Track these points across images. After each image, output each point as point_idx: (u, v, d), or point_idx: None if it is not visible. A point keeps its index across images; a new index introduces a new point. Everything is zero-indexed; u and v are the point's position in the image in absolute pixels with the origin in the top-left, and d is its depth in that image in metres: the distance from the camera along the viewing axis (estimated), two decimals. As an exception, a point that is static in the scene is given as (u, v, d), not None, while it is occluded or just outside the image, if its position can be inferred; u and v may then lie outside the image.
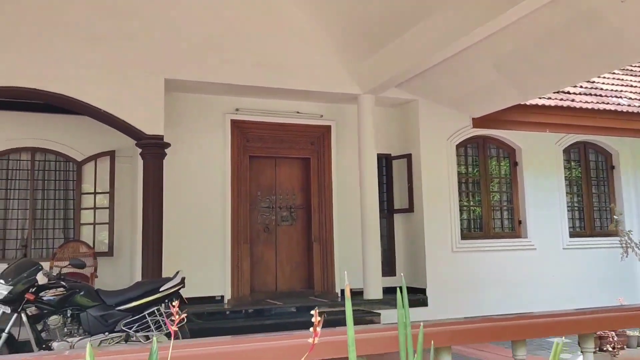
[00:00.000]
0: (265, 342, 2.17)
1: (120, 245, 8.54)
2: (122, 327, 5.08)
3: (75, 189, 8.54)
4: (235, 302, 7.88)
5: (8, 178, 8.32)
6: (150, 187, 6.95)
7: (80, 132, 8.47)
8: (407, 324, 1.52)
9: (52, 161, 8.56)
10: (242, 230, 8.09)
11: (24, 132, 8.29)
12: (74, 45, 6.72)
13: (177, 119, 7.83)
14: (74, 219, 8.54)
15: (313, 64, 7.95)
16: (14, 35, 6.51)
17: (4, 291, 4.68)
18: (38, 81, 6.56)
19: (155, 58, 7.13)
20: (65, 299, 4.92)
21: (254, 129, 8.37)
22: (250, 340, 2.14)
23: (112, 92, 6.85)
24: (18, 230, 8.33)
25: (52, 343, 4.85)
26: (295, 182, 8.79)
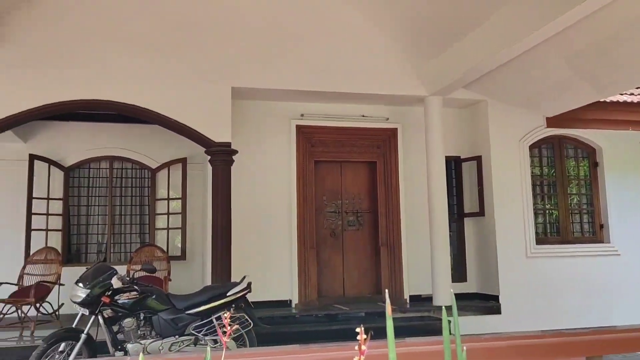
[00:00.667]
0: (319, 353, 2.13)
1: (192, 249, 8.82)
2: (192, 330, 5.21)
3: (150, 195, 8.92)
4: (302, 307, 7.92)
5: (89, 186, 8.81)
6: (218, 193, 7.12)
7: (154, 141, 8.84)
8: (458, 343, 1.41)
9: (128, 169, 8.98)
10: (309, 235, 8.12)
11: (103, 142, 8.75)
12: (146, 58, 7.00)
13: (243, 125, 7.98)
14: (149, 224, 8.91)
15: (378, 67, 7.87)
16: (90, 51, 6.86)
17: (83, 294, 4.92)
18: (112, 93, 6.88)
19: (223, 67, 7.30)
20: (138, 303, 5.10)
21: (319, 134, 8.39)
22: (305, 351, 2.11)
23: (182, 101, 7.07)
24: (98, 235, 8.79)
25: (126, 344, 5.05)
26: (362, 186, 8.73)
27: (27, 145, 8.40)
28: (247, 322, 5.27)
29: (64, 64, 6.76)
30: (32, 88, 6.62)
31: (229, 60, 7.35)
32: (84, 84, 6.76)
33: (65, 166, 8.58)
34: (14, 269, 7.70)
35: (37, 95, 6.61)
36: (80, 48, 6.84)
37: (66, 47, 6.81)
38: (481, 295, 8.45)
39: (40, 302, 7.07)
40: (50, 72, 6.69)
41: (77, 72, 6.77)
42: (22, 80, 6.62)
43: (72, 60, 6.79)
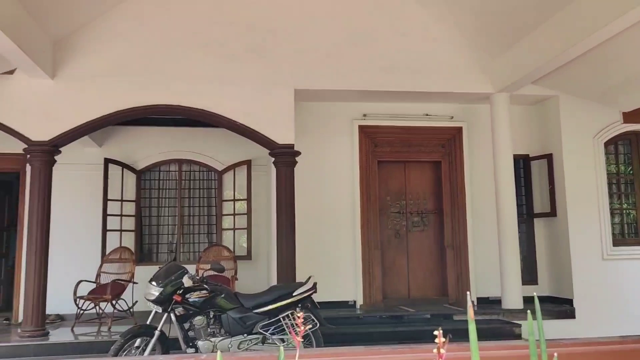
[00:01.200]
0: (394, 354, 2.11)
1: (257, 249, 8.98)
2: (259, 329, 5.29)
3: (217, 197, 9.15)
4: (367, 308, 7.89)
5: (159, 188, 9.15)
6: (282, 194, 7.20)
7: (220, 144, 9.07)
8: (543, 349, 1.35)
9: (196, 171, 9.26)
10: (373, 235, 8.08)
11: (172, 145, 9.07)
12: (211, 63, 7.19)
13: (306, 127, 8.04)
14: (216, 224, 9.15)
15: (442, 65, 7.73)
16: (159, 58, 7.12)
17: (156, 292, 5.11)
18: (181, 98, 7.10)
19: (285, 70, 7.39)
20: (208, 301, 5.24)
21: (382, 134, 8.33)
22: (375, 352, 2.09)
23: (247, 105, 7.21)
24: (168, 235, 9.11)
25: (197, 342, 5.20)
26: (426, 186, 8.60)
27: (101, 149, 8.82)
28: (313, 322, 5.30)
29: (138, 72, 7.05)
30: (108, 95, 6.94)
31: (292, 63, 7.42)
32: (156, 90, 7.02)
33: (137, 169, 8.95)
34: (92, 267, 8.11)
35: (112, 101, 6.93)
36: (153, 56, 7.12)
37: (140, 56, 7.10)
38: (553, 298, 8.13)
39: (116, 300, 7.40)
40: (125, 80, 6.99)
41: (149, 78, 7.04)
42: (100, 88, 6.95)
43: (145, 67, 7.07)
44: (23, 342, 6.41)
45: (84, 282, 7.51)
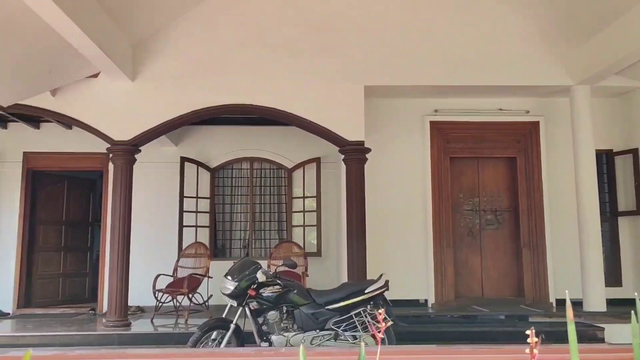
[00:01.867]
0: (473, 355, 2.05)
1: (327, 246, 9.03)
2: (332, 325, 5.31)
3: (287, 194, 9.27)
4: (439, 307, 7.75)
5: (232, 185, 9.39)
6: (352, 191, 7.19)
7: (290, 142, 9.19)
8: None
9: (267, 169, 9.43)
10: (445, 233, 7.93)
11: (244, 144, 9.28)
12: (282, 62, 7.28)
13: (376, 124, 8.00)
14: (286, 221, 9.28)
15: (517, 57, 7.45)
16: (232, 58, 7.29)
17: (231, 287, 5.24)
18: (252, 97, 7.25)
19: (355, 67, 7.37)
20: (281, 296, 5.31)
21: (454, 130, 8.15)
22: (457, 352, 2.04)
23: (315, 102, 7.26)
24: (241, 232, 9.33)
25: (271, 336, 5.28)
26: (500, 183, 8.33)
27: (178, 148, 9.16)
28: (386, 321, 5.26)
29: (211, 73, 7.25)
30: (184, 96, 7.18)
31: (361, 60, 7.40)
32: (229, 89, 7.20)
33: (211, 167, 9.22)
34: (169, 261, 8.44)
35: (188, 102, 7.17)
36: (226, 57, 7.30)
37: (213, 57, 7.30)
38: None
39: (192, 293, 7.66)
40: (200, 81, 7.21)
41: (223, 79, 7.23)
42: (176, 89, 7.21)
43: (218, 68, 7.26)
44: (107, 331, 6.77)
45: (162, 275, 7.82)
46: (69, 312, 8.68)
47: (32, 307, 8.82)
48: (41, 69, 6.21)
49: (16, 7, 4.92)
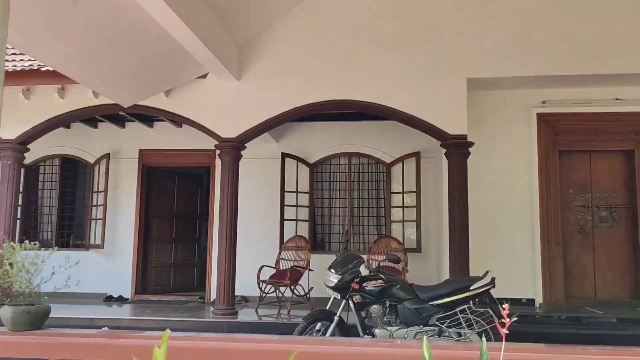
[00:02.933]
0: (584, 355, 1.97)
1: (427, 242, 8.92)
2: (435, 321, 5.26)
3: (385, 189, 9.26)
4: (547, 307, 7.41)
5: (330, 180, 9.53)
6: (455, 186, 7.05)
7: (389, 136, 9.16)
8: None
9: (365, 164, 9.47)
10: (553, 231, 7.56)
11: (342, 139, 9.38)
12: (382, 56, 7.27)
13: (479, 117, 7.77)
14: (384, 216, 9.28)
15: (634, 43, 6.92)
16: (332, 55, 7.39)
17: (334, 279, 5.34)
18: (353, 93, 7.31)
19: (457, 59, 7.21)
20: (384, 291, 5.33)
21: (564, 121, 7.73)
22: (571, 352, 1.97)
23: (416, 96, 7.18)
24: (339, 226, 9.45)
25: (374, 329, 5.33)
26: (616, 178, 7.80)
27: (278, 145, 9.43)
28: (492, 318, 5.13)
29: (312, 70, 7.40)
30: (287, 93, 7.39)
31: (463, 52, 7.22)
32: (329, 86, 7.31)
33: (310, 162, 9.41)
34: (271, 253, 8.73)
35: (290, 99, 7.37)
36: (326, 53, 7.41)
37: (314, 54, 7.44)
38: None
39: (294, 285, 7.88)
40: (301, 78, 7.39)
41: (323, 75, 7.35)
42: (279, 87, 7.44)
43: (319, 65, 7.39)
44: (216, 319, 7.14)
45: (265, 267, 8.12)
46: (179, 300, 9.25)
47: (147, 294, 9.49)
48: (157, 71, 6.65)
49: (137, 14, 5.30)
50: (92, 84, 6.11)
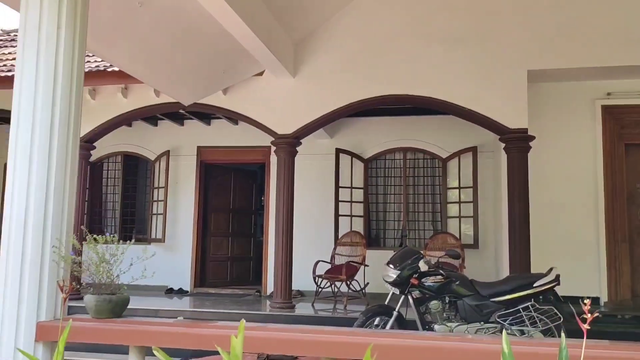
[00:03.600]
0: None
1: (484, 238, 8.77)
2: (497, 318, 5.18)
3: (441, 184, 9.16)
4: (612, 306, 7.17)
5: (385, 175, 9.50)
6: (515, 181, 6.89)
7: (445, 131, 9.05)
8: None
9: (420, 159, 9.39)
10: (619, 227, 7.29)
11: (397, 134, 9.33)
12: (437, 50, 7.18)
13: (540, 110, 7.57)
14: (440, 212, 9.17)
15: None
16: (387, 50, 7.35)
17: (393, 274, 5.33)
18: (409, 87, 7.26)
19: (516, 51, 7.03)
20: (444, 286, 5.29)
21: (630, 114, 7.44)
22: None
23: (474, 89, 7.06)
24: (394, 222, 9.42)
25: (433, 325, 5.29)
26: (688, 172, 7.44)
27: (332, 140, 9.48)
28: (556, 316, 5.01)
29: (367, 65, 7.39)
30: (341, 89, 7.41)
31: (523, 44, 7.03)
32: (384, 81, 7.28)
33: (365, 158, 9.41)
34: (325, 249, 8.80)
35: (345, 95, 7.39)
36: (381, 48, 7.39)
37: (368, 50, 7.43)
38: None
39: (350, 280, 7.92)
40: (356, 74, 7.39)
41: (378, 70, 7.33)
42: (334, 83, 7.47)
43: (374, 60, 7.38)
44: (274, 312, 7.26)
45: (320, 262, 8.19)
46: (237, 293, 9.45)
47: (205, 287, 9.76)
48: (216, 70, 6.81)
49: (198, 14, 5.45)
50: (156, 83, 6.32)
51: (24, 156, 2.84)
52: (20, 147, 2.86)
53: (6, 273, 2.71)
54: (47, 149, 2.88)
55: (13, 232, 2.75)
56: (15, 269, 2.70)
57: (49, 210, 2.81)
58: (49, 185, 2.84)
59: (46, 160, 2.86)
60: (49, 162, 2.87)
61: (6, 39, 9.48)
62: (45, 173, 2.84)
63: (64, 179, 2.93)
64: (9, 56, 8.51)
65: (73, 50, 3.03)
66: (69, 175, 2.97)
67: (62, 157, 2.94)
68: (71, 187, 2.98)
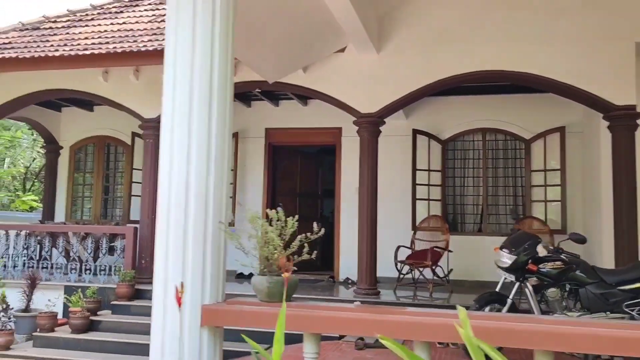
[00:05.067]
0: None
1: (572, 223, 8.31)
2: (624, 308, 4.78)
3: (524, 167, 8.69)
4: None
5: (463, 158, 9.09)
6: (621, 163, 6.41)
7: (529, 111, 8.59)
8: None
9: (501, 140, 8.93)
10: None
11: (476, 114, 8.90)
12: (537, 22, 6.70)
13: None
14: (522, 195, 8.72)
15: None
16: (481, 22, 6.91)
17: (509, 260, 4.97)
18: (502, 63, 6.81)
19: (623, 21, 6.51)
20: (563, 273, 4.91)
21: None
22: None
23: (576, 63, 6.58)
24: (473, 206, 9.01)
25: (551, 314, 4.93)
26: None
27: (408, 121, 9.09)
28: None
29: (459, 39, 6.94)
30: (430, 65, 7.00)
31: (631, 12, 6.50)
32: (478, 55, 6.84)
33: (442, 139, 9.01)
34: (401, 233, 8.48)
35: (434, 71, 6.98)
36: (474, 21, 6.94)
37: (460, 22, 6.99)
38: None
39: (435, 266, 7.58)
40: (446, 48, 6.96)
41: (471, 44, 6.88)
42: (421, 59, 7.07)
43: (466, 34, 6.93)
44: (359, 298, 6.98)
45: (402, 247, 7.86)
46: (308, 278, 9.19)
47: (275, 272, 9.53)
48: (304, 45, 6.50)
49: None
50: (248, 59, 6.04)
51: (182, 143, 2.62)
52: (178, 131, 2.63)
53: (166, 253, 2.47)
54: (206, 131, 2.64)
55: (173, 211, 2.51)
56: (177, 250, 2.45)
57: (209, 188, 2.59)
58: (209, 165, 2.64)
59: (205, 145, 2.64)
60: (207, 147, 2.65)
61: (73, 19, 9.36)
62: (205, 156, 2.63)
63: (222, 160, 2.72)
64: (80, 36, 8.38)
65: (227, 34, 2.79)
66: (226, 156, 2.76)
67: (221, 137, 2.70)
68: (228, 166, 2.77)
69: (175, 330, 2.37)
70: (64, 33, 8.61)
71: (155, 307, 2.43)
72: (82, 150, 10.85)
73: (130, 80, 8.15)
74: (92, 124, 10.67)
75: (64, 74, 8.33)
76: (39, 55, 7.59)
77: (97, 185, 10.63)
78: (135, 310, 7.12)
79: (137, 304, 7.21)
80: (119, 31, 8.30)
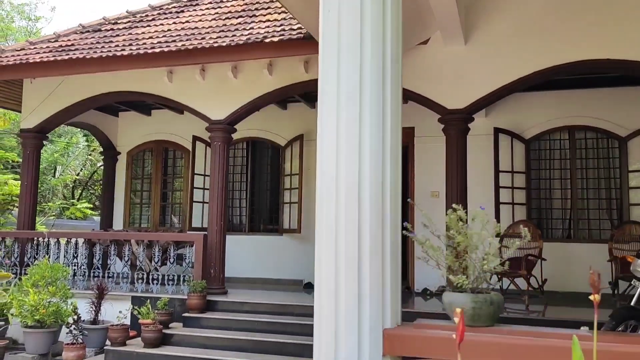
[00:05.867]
0: None
1: (677, 228, 7.51)
2: None
3: (621, 167, 7.95)
4: None
5: (549, 158, 8.40)
6: None
7: (623, 106, 7.86)
8: None
9: (591, 139, 8.22)
10: None
11: (561, 111, 8.21)
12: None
13: None
14: (618, 199, 7.98)
15: None
16: (581, 8, 6.27)
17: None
18: (607, 51, 6.14)
19: None
20: None
21: None
22: None
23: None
24: (560, 210, 8.30)
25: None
26: None
27: (487, 118, 8.45)
28: None
29: (554, 26, 6.33)
30: (524, 56, 6.40)
31: None
32: (577, 44, 6.21)
33: (526, 138, 8.34)
34: (483, 241, 7.80)
35: (529, 62, 6.39)
36: (574, 7, 6.31)
37: (556, 10, 6.37)
38: None
39: (529, 276, 6.93)
40: (542, 37, 6.35)
41: (568, 33, 6.25)
42: (514, 49, 6.47)
43: (562, 20, 6.32)
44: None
45: (488, 255, 7.22)
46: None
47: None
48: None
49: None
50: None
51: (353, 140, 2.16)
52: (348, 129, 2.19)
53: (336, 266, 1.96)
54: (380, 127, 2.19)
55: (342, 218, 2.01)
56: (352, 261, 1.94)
57: (385, 191, 2.11)
58: (384, 164, 2.17)
59: (380, 142, 2.21)
60: (383, 144, 2.23)
61: (134, 20, 9.06)
62: (379, 154, 2.14)
63: (397, 157, 2.25)
64: (144, 35, 8.05)
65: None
66: (395, 157, 2.28)
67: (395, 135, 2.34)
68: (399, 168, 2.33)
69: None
70: (126, 34, 8.30)
71: (324, 329, 1.92)
72: (140, 155, 10.57)
73: (197, 80, 7.78)
74: (150, 128, 10.39)
75: (128, 75, 8.04)
76: (107, 55, 7.28)
77: (156, 191, 10.31)
78: (208, 323, 6.70)
79: (209, 316, 6.78)
80: (183, 30, 7.93)
